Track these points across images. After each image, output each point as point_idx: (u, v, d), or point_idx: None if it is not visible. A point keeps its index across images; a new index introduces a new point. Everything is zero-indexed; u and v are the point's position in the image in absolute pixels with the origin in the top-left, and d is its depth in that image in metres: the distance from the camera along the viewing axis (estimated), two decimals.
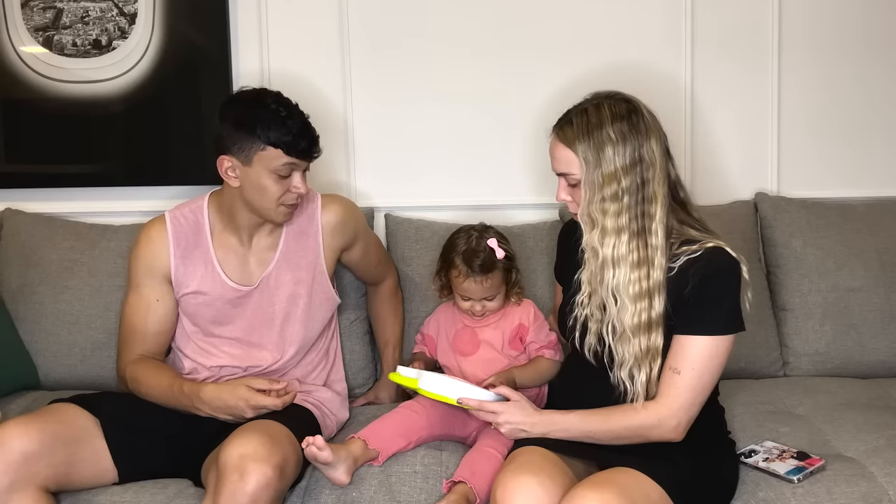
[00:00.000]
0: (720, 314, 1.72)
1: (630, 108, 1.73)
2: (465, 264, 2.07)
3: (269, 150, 1.92)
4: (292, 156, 1.94)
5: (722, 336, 1.72)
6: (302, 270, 2.11)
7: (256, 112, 1.94)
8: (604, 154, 1.70)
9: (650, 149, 1.71)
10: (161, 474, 1.92)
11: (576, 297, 1.80)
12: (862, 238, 2.48)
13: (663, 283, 1.71)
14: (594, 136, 1.70)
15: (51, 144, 2.58)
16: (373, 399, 2.34)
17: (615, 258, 1.71)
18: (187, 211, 2.10)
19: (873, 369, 2.41)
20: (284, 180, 1.96)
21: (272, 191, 1.96)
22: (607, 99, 1.76)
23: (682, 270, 1.72)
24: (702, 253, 1.72)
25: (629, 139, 1.70)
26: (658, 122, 1.77)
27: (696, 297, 1.70)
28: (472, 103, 2.61)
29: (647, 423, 1.72)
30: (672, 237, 1.76)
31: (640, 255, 1.70)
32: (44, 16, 2.54)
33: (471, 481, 1.82)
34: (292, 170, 1.96)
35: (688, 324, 1.72)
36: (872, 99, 2.66)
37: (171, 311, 2.08)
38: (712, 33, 2.61)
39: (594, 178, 1.71)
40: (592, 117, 1.72)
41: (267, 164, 1.93)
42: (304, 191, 1.98)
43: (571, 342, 1.86)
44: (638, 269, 1.70)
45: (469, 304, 2.13)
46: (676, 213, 1.78)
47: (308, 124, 1.98)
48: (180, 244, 2.06)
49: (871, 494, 1.79)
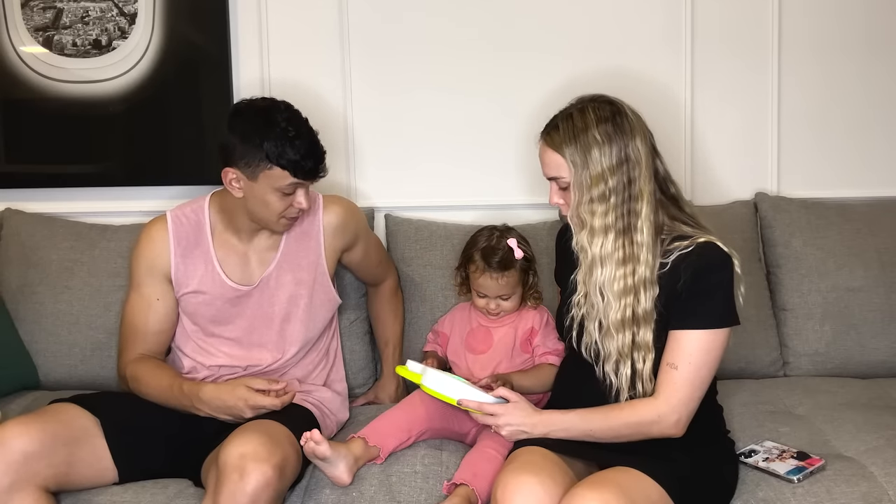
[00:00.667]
0: (713, 307, 1.74)
1: (614, 109, 1.77)
2: (482, 260, 2.09)
3: (276, 170, 1.92)
4: (298, 177, 1.94)
5: (716, 329, 1.74)
6: (303, 271, 2.11)
7: (265, 130, 1.91)
8: (590, 156, 1.73)
9: (636, 148, 1.74)
10: (161, 474, 1.92)
11: (572, 298, 1.82)
12: (862, 238, 2.48)
13: (650, 279, 1.73)
14: (580, 139, 1.74)
15: (51, 144, 2.58)
16: (373, 399, 2.35)
17: (602, 257, 1.75)
18: (188, 210, 2.10)
19: (873, 369, 2.41)
20: (288, 197, 1.97)
21: (275, 207, 1.97)
22: (591, 102, 1.79)
23: (675, 266, 1.74)
24: (693, 248, 1.75)
25: (614, 140, 1.73)
26: (643, 121, 1.80)
27: (688, 291, 1.73)
28: (472, 104, 2.61)
29: (648, 420, 1.73)
30: (663, 233, 1.79)
31: (625, 252, 1.73)
32: (44, 16, 2.54)
33: (472, 483, 1.82)
34: (297, 188, 1.97)
35: (682, 318, 1.74)
36: (872, 98, 2.66)
37: (172, 311, 2.08)
38: (713, 33, 2.61)
39: (582, 180, 1.74)
40: (578, 121, 1.76)
41: (272, 182, 1.93)
42: (306, 206, 1.99)
43: (569, 342, 1.87)
44: (623, 266, 1.73)
45: (484, 301, 2.14)
46: (667, 210, 1.81)
47: (316, 143, 1.97)
48: (181, 243, 2.06)
49: (871, 494, 1.79)
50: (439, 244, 2.45)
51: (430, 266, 2.44)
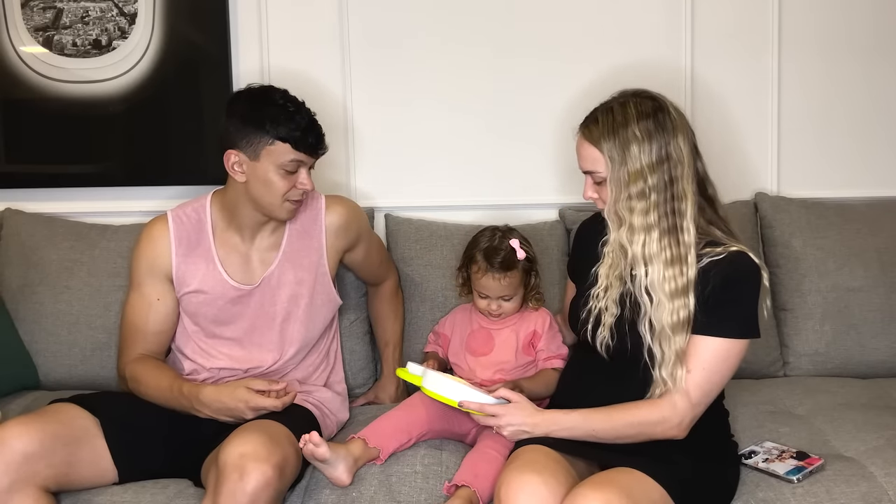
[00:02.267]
0: (737, 317, 1.73)
1: (656, 105, 1.74)
2: (485, 260, 2.09)
3: (278, 144, 1.93)
4: (300, 151, 1.95)
5: (736, 339, 1.73)
6: (304, 270, 2.11)
7: (265, 107, 1.95)
8: (629, 152, 1.71)
9: (677, 146, 1.72)
10: (161, 474, 1.92)
11: (591, 290, 1.81)
12: (862, 238, 2.48)
13: (695, 282, 1.72)
14: (619, 134, 1.72)
15: (51, 144, 2.57)
16: (372, 399, 2.34)
17: (647, 255, 1.72)
18: (190, 210, 2.10)
19: (873, 369, 2.41)
20: (291, 176, 1.97)
21: (278, 186, 1.96)
22: (633, 97, 1.77)
23: (705, 271, 1.73)
24: (725, 255, 1.73)
25: (655, 137, 1.71)
26: (686, 119, 1.78)
27: (715, 298, 1.71)
28: (472, 103, 2.61)
29: (652, 420, 1.73)
30: (698, 237, 1.77)
31: (672, 252, 1.71)
32: (44, 16, 2.54)
33: (474, 484, 1.82)
34: (299, 166, 1.97)
35: (704, 324, 1.72)
36: (872, 98, 2.66)
37: (172, 311, 2.08)
38: (713, 32, 2.61)
39: (620, 176, 1.72)
40: (618, 115, 1.73)
41: (275, 159, 1.94)
42: (309, 187, 1.99)
43: (583, 335, 1.86)
44: (672, 267, 1.71)
45: (486, 301, 2.13)
46: (704, 212, 1.79)
47: (315, 121, 2.00)
48: (182, 243, 2.06)
49: (871, 494, 1.79)
50: (439, 244, 2.45)
51: (431, 266, 2.43)
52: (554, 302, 2.33)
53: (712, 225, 1.79)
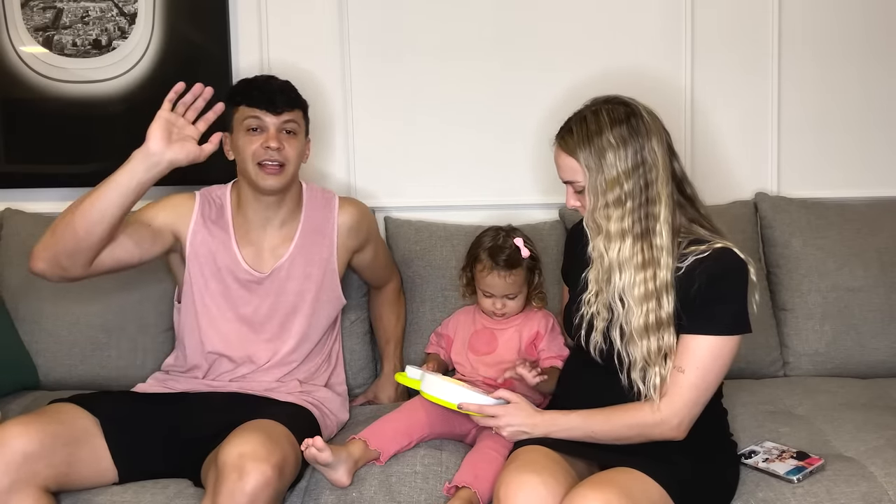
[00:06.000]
0: (726, 314, 1.72)
1: (628, 111, 1.73)
2: (490, 259, 2.10)
3: (240, 108, 2.03)
4: (254, 105, 2.01)
5: (727, 336, 1.72)
6: (313, 266, 2.13)
7: (238, 85, 2.09)
8: (605, 160, 1.70)
9: (651, 150, 1.71)
10: (161, 474, 1.92)
11: (583, 296, 1.81)
12: (862, 238, 2.48)
13: (671, 282, 1.71)
14: (594, 142, 1.71)
15: (51, 144, 2.57)
16: (372, 398, 2.35)
17: (620, 262, 1.72)
18: (214, 194, 2.16)
19: (873, 369, 2.41)
20: (256, 136, 2.02)
21: (247, 149, 2.03)
22: (605, 104, 1.76)
23: (690, 270, 1.72)
24: (710, 253, 1.72)
25: (630, 142, 1.70)
26: (659, 121, 1.77)
27: (702, 296, 1.71)
28: (472, 104, 2.61)
29: (650, 422, 1.72)
30: (680, 236, 1.76)
31: (644, 256, 1.71)
32: (44, 16, 2.54)
33: (474, 485, 1.82)
34: (260, 124, 2.02)
35: (694, 323, 1.72)
36: (872, 98, 2.66)
37: (142, 242, 2.00)
38: (713, 33, 2.61)
39: (597, 184, 1.72)
40: (591, 124, 1.73)
41: (239, 123, 2.04)
42: (274, 145, 2.02)
43: (577, 340, 1.86)
44: (643, 271, 1.70)
45: (490, 301, 2.14)
46: (685, 211, 1.79)
47: (274, 78, 2.09)
48: (205, 216, 2.11)
49: (871, 494, 1.79)
50: (440, 245, 2.46)
51: (431, 267, 2.44)
52: (555, 301, 2.33)
53: (695, 223, 1.79)
